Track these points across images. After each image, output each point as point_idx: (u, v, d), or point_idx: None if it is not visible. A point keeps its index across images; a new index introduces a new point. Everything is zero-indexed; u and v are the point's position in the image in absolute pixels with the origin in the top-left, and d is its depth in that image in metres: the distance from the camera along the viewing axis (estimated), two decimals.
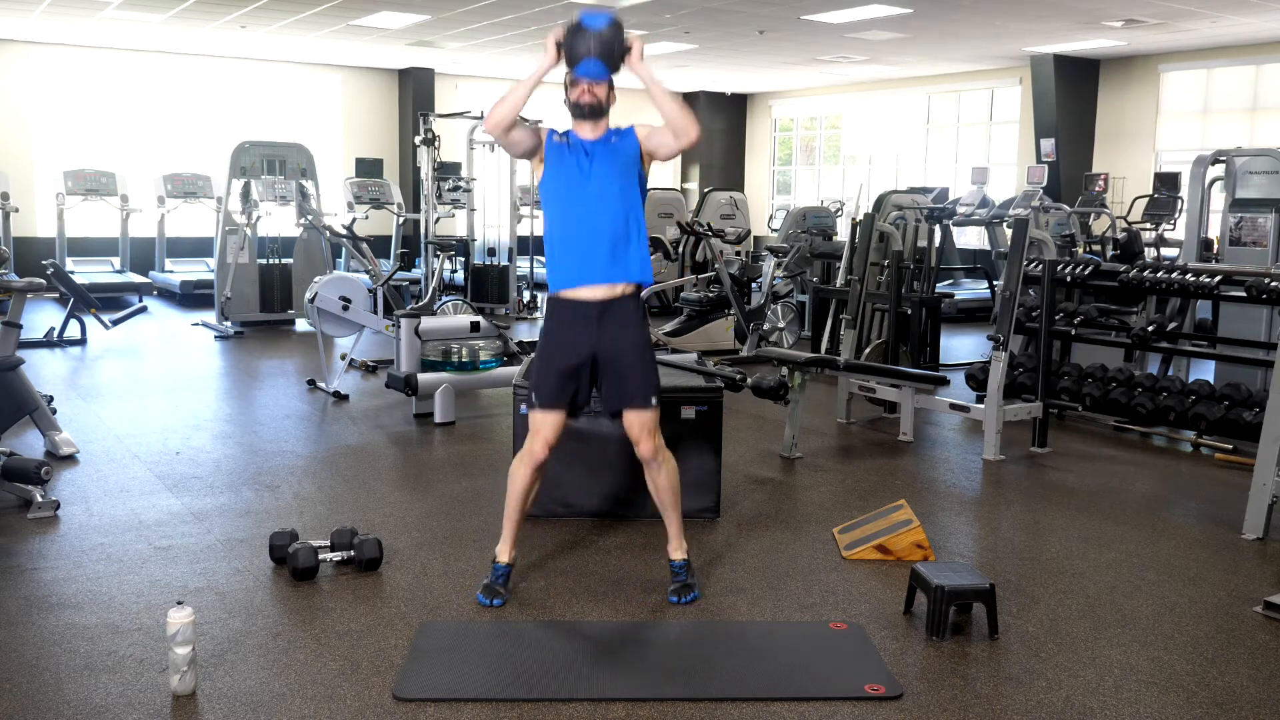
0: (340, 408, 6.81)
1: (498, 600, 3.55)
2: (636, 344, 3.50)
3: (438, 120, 11.28)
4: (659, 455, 3.54)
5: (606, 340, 3.46)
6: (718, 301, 9.18)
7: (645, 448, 3.52)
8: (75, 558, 3.97)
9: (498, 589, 3.58)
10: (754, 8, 10.77)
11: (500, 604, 3.54)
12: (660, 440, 3.55)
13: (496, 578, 3.61)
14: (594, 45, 3.30)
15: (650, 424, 3.50)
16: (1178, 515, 4.86)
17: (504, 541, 3.64)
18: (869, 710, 2.90)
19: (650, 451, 3.52)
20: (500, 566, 3.62)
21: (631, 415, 3.50)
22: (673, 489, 3.62)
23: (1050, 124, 13.92)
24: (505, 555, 3.63)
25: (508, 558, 3.63)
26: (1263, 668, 3.22)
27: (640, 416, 3.49)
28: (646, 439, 3.51)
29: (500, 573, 3.62)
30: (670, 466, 3.60)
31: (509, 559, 3.64)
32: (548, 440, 3.51)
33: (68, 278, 8.21)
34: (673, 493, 3.62)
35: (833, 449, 5.97)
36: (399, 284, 11.60)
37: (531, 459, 3.52)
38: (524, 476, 3.55)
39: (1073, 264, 6.84)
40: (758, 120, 19.36)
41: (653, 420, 3.51)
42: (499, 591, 3.58)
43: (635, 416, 3.50)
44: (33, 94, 13.89)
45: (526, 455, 3.53)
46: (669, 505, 3.64)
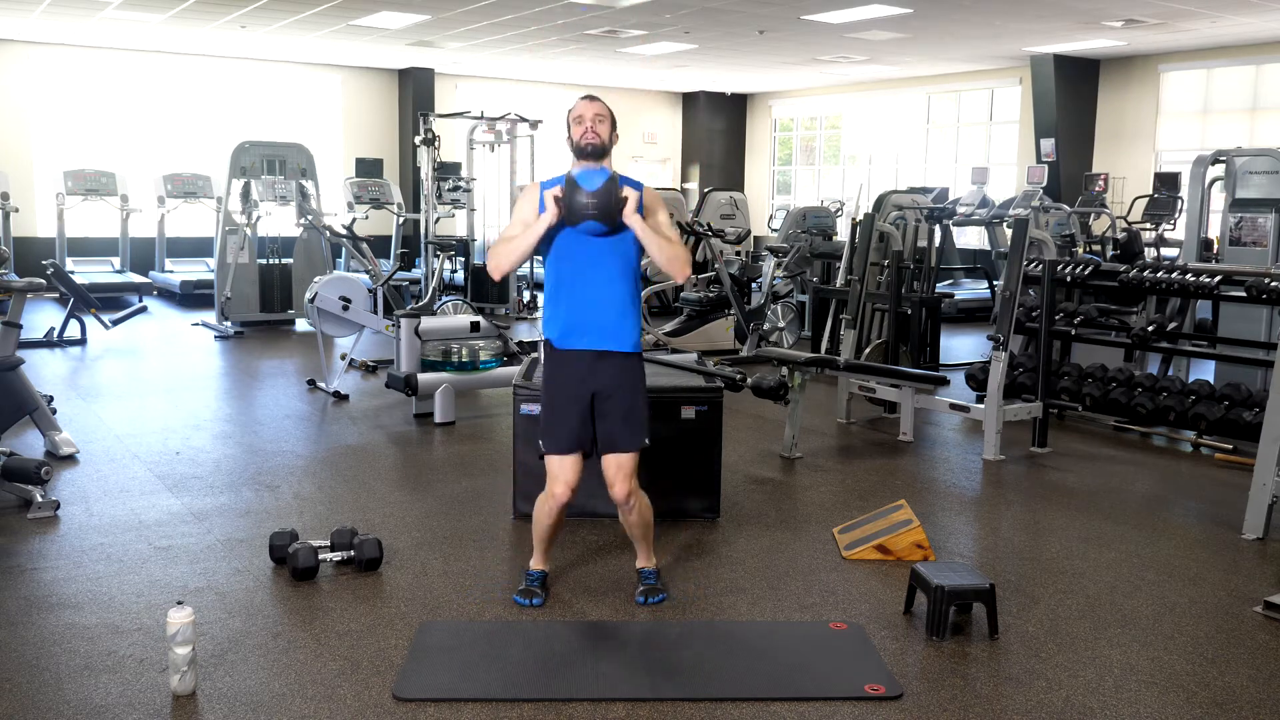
0: (340, 408, 6.81)
1: (536, 600, 3.59)
2: (630, 389, 3.49)
3: (438, 120, 11.29)
4: (632, 499, 3.55)
5: (603, 380, 3.46)
6: (718, 301, 9.19)
7: (620, 491, 3.52)
8: (75, 558, 3.97)
9: (534, 590, 3.63)
10: (754, 8, 10.77)
11: (539, 603, 3.58)
12: (635, 483, 3.54)
13: (531, 581, 3.67)
14: (591, 209, 3.32)
15: (629, 468, 3.50)
16: (1178, 515, 4.86)
17: (536, 556, 3.71)
18: (869, 710, 2.90)
19: (624, 495, 3.53)
20: (534, 572, 3.69)
21: (611, 459, 3.50)
22: (645, 525, 3.67)
23: (1050, 124, 13.92)
24: (538, 564, 3.70)
25: (541, 566, 3.70)
26: (1263, 668, 3.22)
27: (619, 460, 3.49)
28: (622, 482, 3.51)
29: (535, 578, 3.68)
30: (643, 505, 3.61)
31: (542, 567, 3.70)
32: (569, 483, 3.50)
33: (68, 278, 8.21)
34: (645, 529, 3.68)
35: (833, 449, 5.97)
36: (399, 284, 11.60)
37: (555, 502, 3.53)
38: (549, 516, 3.58)
39: (1073, 264, 6.84)
40: (758, 120, 19.36)
41: (631, 465, 3.51)
42: (535, 592, 3.62)
43: (615, 460, 3.50)
44: (33, 94, 13.89)
45: (549, 498, 3.54)
46: (639, 538, 3.71)
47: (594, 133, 3.43)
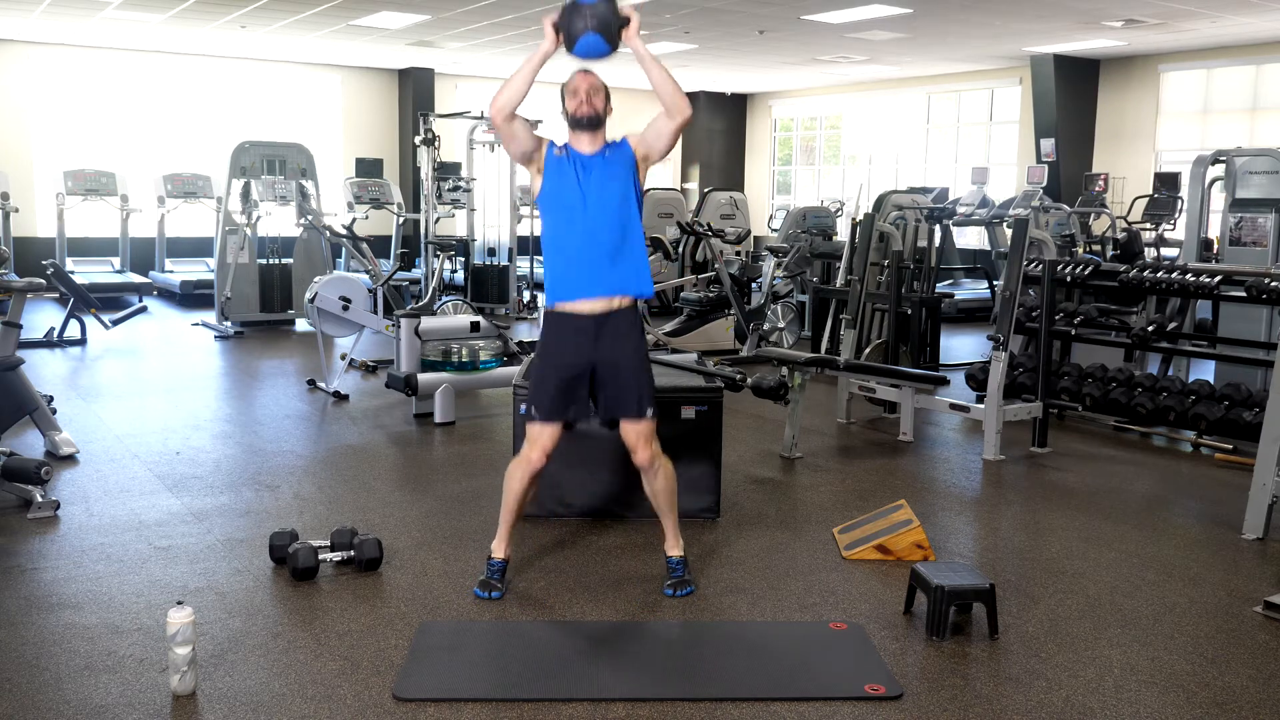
0: (340, 408, 6.81)
1: (495, 594, 3.58)
2: (634, 355, 3.51)
3: (438, 120, 11.29)
4: (655, 462, 3.57)
5: (604, 352, 3.47)
6: (718, 301, 9.18)
7: (642, 456, 3.55)
8: (75, 558, 3.97)
9: (494, 583, 3.62)
10: (754, 8, 10.77)
11: (498, 596, 3.57)
12: (657, 447, 3.57)
13: (492, 573, 3.65)
14: (591, 22, 3.30)
15: (647, 433, 3.53)
16: (1178, 515, 4.86)
17: (499, 539, 3.68)
18: (869, 710, 2.90)
19: (647, 460, 3.55)
20: (496, 562, 3.66)
21: (628, 425, 3.53)
22: (669, 493, 3.65)
23: (1050, 124, 13.92)
24: (501, 551, 3.67)
25: (503, 554, 3.67)
26: (1263, 668, 3.22)
27: (637, 426, 3.52)
28: (644, 448, 3.53)
29: (496, 568, 3.65)
30: (667, 471, 3.62)
31: (504, 555, 3.68)
32: (545, 449, 3.54)
33: (68, 278, 8.20)
34: (669, 496, 3.66)
35: (833, 449, 5.97)
36: (399, 284, 11.60)
37: (529, 465, 3.55)
38: (520, 481, 3.58)
39: (1073, 264, 6.84)
40: (758, 120, 19.36)
41: (649, 429, 3.53)
42: (495, 585, 3.61)
43: (632, 426, 3.53)
44: (33, 94, 13.89)
45: (524, 461, 3.56)
46: (665, 508, 3.68)
47: (589, 104, 3.45)
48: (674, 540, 3.72)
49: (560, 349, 3.51)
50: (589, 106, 3.45)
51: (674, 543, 3.72)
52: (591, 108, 3.45)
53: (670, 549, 3.73)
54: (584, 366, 3.48)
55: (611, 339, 3.48)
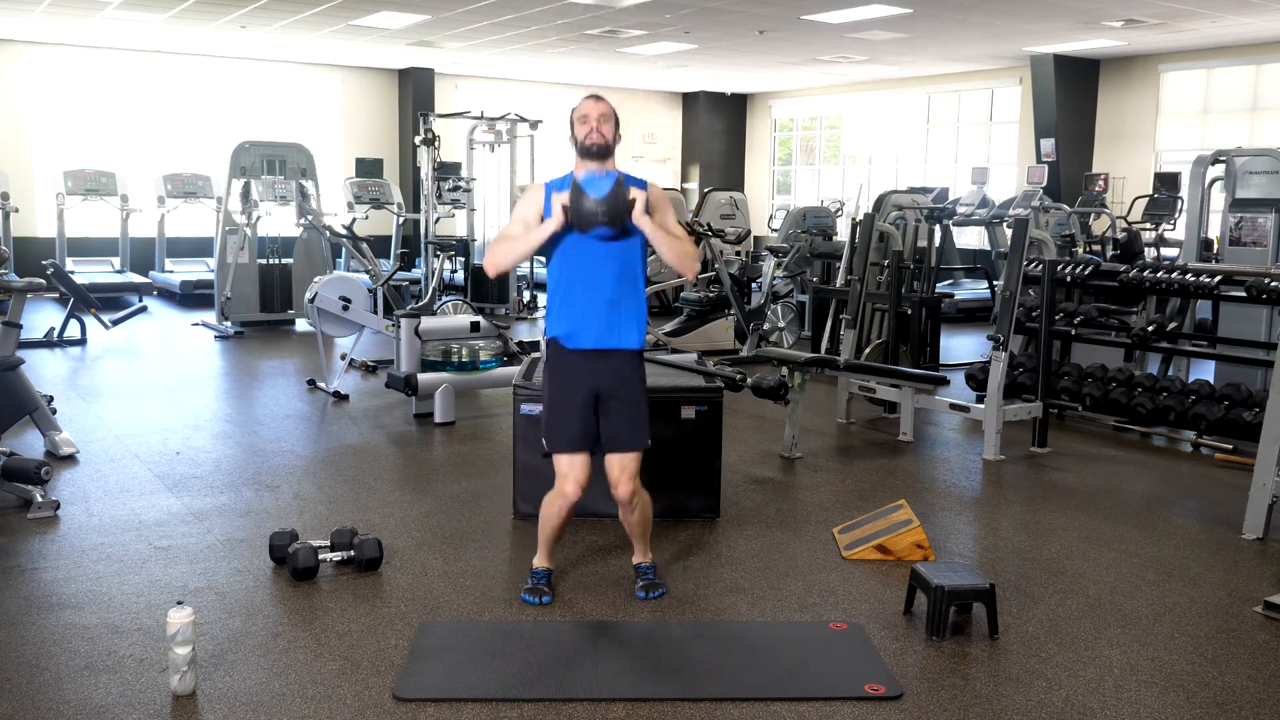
0: (340, 408, 6.81)
1: (546, 598, 3.59)
2: (632, 388, 3.50)
3: (438, 120, 11.29)
4: (635, 498, 3.56)
5: (607, 378, 3.47)
6: (718, 301, 9.19)
7: (623, 490, 3.53)
8: (75, 558, 3.97)
9: (542, 588, 3.63)
10: (754, 8, 10.77)
11: (549, 601, 3.59)
12: (638, 483, 3.55)
13: (538, 580, 3.66)
14: (601, 213, 3.30)
15: (633, 468, 3.51)
16: (1178, 515, 4.86)
17: (540, 554, 3.70)
18: (869, 710, 2.90)
19: (628, 494, 3.53)
20: (540, 570, 3.69)
21: (615, 459, 3.50)
22: (644, 523, 3.68)
23: (1050, 124, 13.92)
24: (543, 562, 3.70)
25: (546, 564, 3.70)
26: (1263, 668, 3.22)
27: (623, 460, 3.50)
28: (626, 482, 3.51)
29: (541, 575, 3.68)
30: (644, 504, 3.63)
31: (547, 564, 3.70)
32: (579, 481, 3.50)
33: (68, 278, 8.21)
34: (644, 526, 3.69)
35: (833, 449, 5.97)
36: (399, 284, 11.60)
37: (565, 500, 3.52)
38: (557, 514, 3.57)
39: (1073, 264, 6.84)
40: (758, 120, 19.36)
41: (635, 464, 3.51)
42: (544, 590, 3.62)
43: (618, 460, 3.50)
44: (33, 94, 13.89)
45: (559, 496, 3.53)
46: (639, 535, 3.72)
47: (599, 132, 3.42)
48: (642, 552, 3.76)
49: (567, 376, 3.49)
50: (599, 135, 3.42)
51: (641, 555, 3.76)
52: (601, 136, 3.42)
53: (637, 558, 3.77)
54: (590, 391, 3.47)
55: (613, 367, 3.48)
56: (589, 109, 3.45)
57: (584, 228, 3.35)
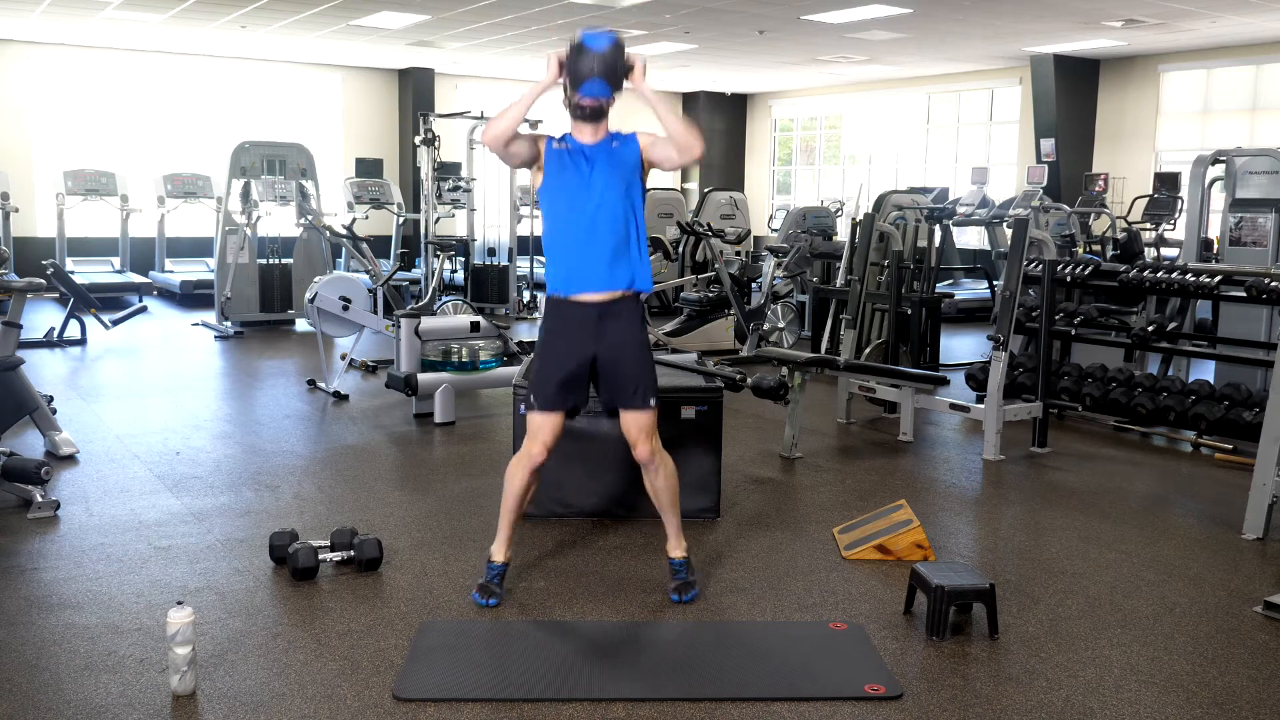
0: (340, 408, 6.81)
1: (493, 600, 3.55)
2: (636, 345, 3.50)
3: (438, 120, 11.28)
4: (656, 457, 3.54)
5: (606, 341, 3.46)
6: (718, 301, 9.18)
7: (642, 450, 3.51)
8: (75, 558, 3.97)
9: (493, 588, 3.58)
10: (754, 8, 10.77)
11: (495, 604, 3.54)
12: (658, 442, 3.54)
13: (491, 577, 3.61)
14: (597, 65, 3.31)
15: (648, 426, 3.50)
16: (1178, 515, 4.86)
17: (499, 542, 3.64)
18: (869, 710, 2.90)
19: (648, 454, 3.52)
20: (495, 566, 3.62)
21: (629, 416, 3.50)
22: (671, 490, 3.61)
23: (1050, 124, 13.92)
24: (500, 555, 3.63)
25: (503, 557, 3.63)
26: (1263, 668, 3.22)
27: (638, 418, 3.49)
28: (644, 441, 3.50)
29: (495, 572, 3.62)
30: (668, 468, 3.59)
31: (504, 558, 3.64)
32: (546, 443, 3.50)
33: (68, 278, 8.21)
34: (671, 493, 3.62)
35: (833, 449, 5.97)
36: (399, 284, 11.60)
37: (530, 460, 3.51)
38: (521, 478, 3.54)
39: (1073, 264, 6.84)
40: (758, 120, 19.36)
41: (650, 422, 3.50)
42: (494, 591, 3.57)
43: (633, 418, 3.49)
44: (33, 94, 13.89)
45: (524, 457, 3.53)
46: (667, 506, 3.64)
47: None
48: (676, 541, 3.68)
49: (562, 338, 3.48)
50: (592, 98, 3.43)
51: (676, 543, 3.68)
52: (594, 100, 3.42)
53: (673, 550, 3.68)
54: (586, 356, 3.46)
55: (613, 329, 3.46)
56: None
57: (578, 79, 3.32)
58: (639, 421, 3.49)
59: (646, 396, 3.50)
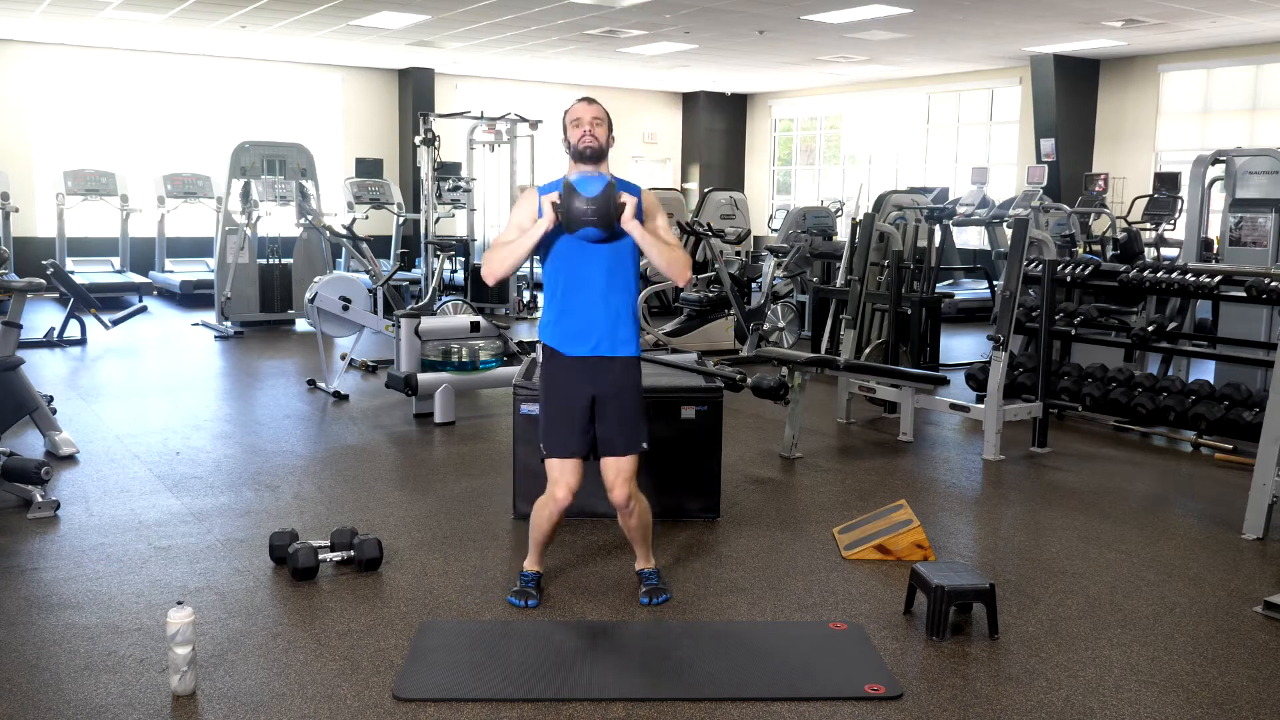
0: (340, 408, 6.81)
1: (531, 601, 3.58)
2: (628, 393, 3.49)
3: (438, 120, 11.29)
4: (631, 502, 3.54)
5: (603, 386, 3.46)
6: (718, 301, 9.18)
7: (620, 494, 3.51)
8: (75, 558, 3.97)
9: (529, 591, 3.62)
10: (754, 8, 10.77)
11: (534, 605, 3.57)
12: (634, 486, 3.54)
13: (526, 583, 3.65)
14: (590, 213, 3.29)
15: (628, 471, 3.50)
16: (1178, 515, 4.86)
17: (531, 557, 3.69)
18: (869, 710, 2.90)
19: (624, 497, 3.52)
20: (528, 574, 3.67)
21: (611, 462, 3.49)
22: (644, 528, 3.66)
23: (1050, 124, 13.92)
24: (533, 565, 3.68)
25: (536, 567, 3.68)
26: (1263, 668, 3.22)
27: (619, 464, 3.49)
28: (622, 485, 3.50)
29: (529, 579, 3.66)
30: (642, 508, 3.61)
31: (536, 568, 3.68)
32: (570, 486, 3.49)
33: (68, 278, 8.21)
34: (644, 530, 3.67)
35: (833, 449, 5.97)
36: (399, 284, 11.60)
37: (556, 504, 3.51)
38: (548, 518, 3.56)
39: (1073, 264, 6.84)
40: (758, 120, 19.36)
41: (632, 469, 3.50)
42: (530, 593, 3.61)
43: (614, 464, 3.49)
44: (33, 94, 13.89)
45: (550, 501, 3.52)
46: (639, 540, 3.70)
47: (592, 135, 3.41)
48: (645, 559, 3.74)
49: (562, 382, 3.49)
50: (592, 138, 3.40)
51: (644, 560, 3.74)
52: (594, 139, 3.40)
53: (640, 564, 3.74)
54: (587, 399, 3.46)
55: (612, 374, 3.47)
56: (582, 112, 3.43)
57: (573, 227, 3.33)
58: (619, 467, 3.49)
59: (637, 441, 3.50)
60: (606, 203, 3.30)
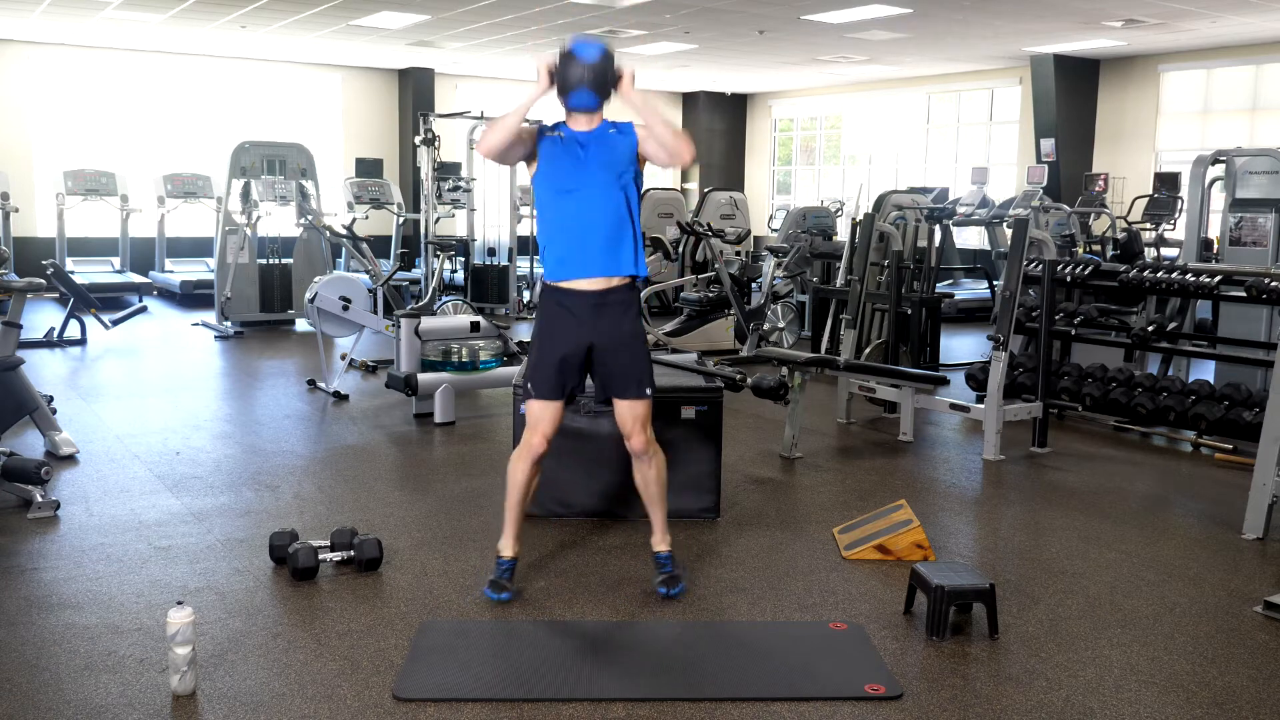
0: (340, 408, 6.81)
1: (505, 595, 3.56)
2: (631, 335, 3.50)
3: (438, 120, 11.28)
4: (649, 449, 3.54)
5: (602, 330, 3.46)
6: (718, 301, 9.18)
7: (637, 441, 3.52)
8: (75, 558, 3.97)
9: (504, 583, 3.59)
10: (754, 8, 10.77)
11: (508, 598, 3.55)
12: (651, 434, 3.54)
13: (502, 572, 3.62)
14: (586, 75, 3.32)
15: (643, 416, 3.50)
16: (1178, 515, 4.86)
17: (506, 536, 3.64)
18: (869, 710, 2.90)
19: (642, 444, 3.52)
20: (504, 561, 3.63)
21: (624, 406, 3.50)
22: (660, 483, 3.63)
23: (1050, 124, 13.92)
24: (509, 550, 3.64)
25: (511, 552, 3.64)
26: (1263, 668, 3.22)
27: (634, 407, 3.49)
28: (639, 431, 3.50)
29: (505, 567, 3.62)
30: (660, 461, 3.60)
31: (513, 553, 3.64)
32: (546, 433, 3.50)
33: (68, 278, 8.21)
34: (660, 486, 3.64)
35: (833, 449, 5.97)
36: (399, 284, 11.60)
37: (530, 452, 3.51)
38: (523, 470, 3.55)
39: (1073, 264, 6.84)
40: (758, 120, 19.36)
41: (646, 412, 3.50)
42: (505, 586, 3.58)
43: (628, 407, 3.49)
44: (33, 94, 13.89)
45: (524, 449, 3.53)
46: (656, 498, 3.65)
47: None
48: (662, 535, 3.70)
49: (558, 326, 3.49)
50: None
51: (661, 537, 3.70)
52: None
53: (658, 544, 3.71)
54: (582, 344, 3.46)
55: (609, 318, 3.46)
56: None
57: (568, 88, 3.33)
58: (635, 411, 3.49)
59: (643, 386, 3.50)
60: (604, 65, 3.30)
